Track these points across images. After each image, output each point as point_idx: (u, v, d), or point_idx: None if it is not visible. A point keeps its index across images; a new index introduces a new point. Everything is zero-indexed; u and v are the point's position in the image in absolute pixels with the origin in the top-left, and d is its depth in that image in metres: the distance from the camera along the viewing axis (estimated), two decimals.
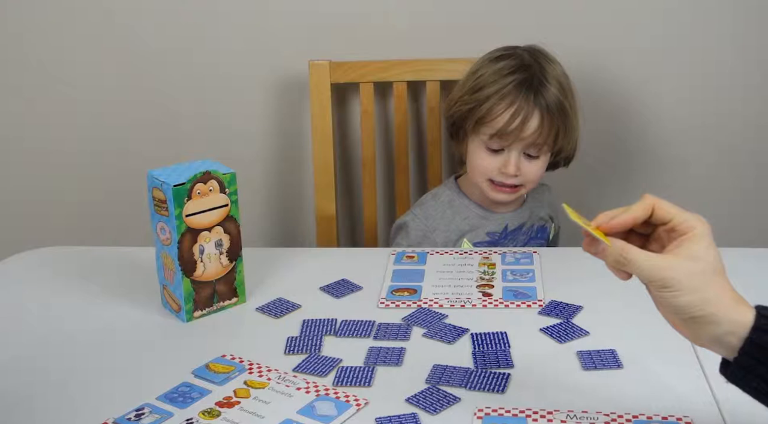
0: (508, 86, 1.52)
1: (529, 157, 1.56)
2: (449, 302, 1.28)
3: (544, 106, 1.51)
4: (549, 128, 1.52)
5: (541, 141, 1.53)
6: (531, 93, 1.51)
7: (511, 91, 1.52)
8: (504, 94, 1.52)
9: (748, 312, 0.84)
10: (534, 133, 1.52)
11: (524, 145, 1.54)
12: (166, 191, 1.20)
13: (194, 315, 1.26)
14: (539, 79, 1.52)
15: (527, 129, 1.52)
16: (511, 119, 1.51)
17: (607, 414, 0.99)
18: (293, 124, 1.93)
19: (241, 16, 1.86)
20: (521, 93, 1.51)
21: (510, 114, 1.51)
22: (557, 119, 1.53)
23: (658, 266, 0.85)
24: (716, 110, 1.86)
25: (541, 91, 1.52)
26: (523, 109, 1.51)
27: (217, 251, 1.26)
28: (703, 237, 0.86)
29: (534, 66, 1.54)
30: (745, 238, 1.87)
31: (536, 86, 1.52)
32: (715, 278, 0.84)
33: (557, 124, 1.53)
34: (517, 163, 1.54)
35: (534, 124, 1.51)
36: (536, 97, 1.51)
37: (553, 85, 1.53)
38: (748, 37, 1.81)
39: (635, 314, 1.23)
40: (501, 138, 1.53)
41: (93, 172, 1.99)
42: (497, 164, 1.56)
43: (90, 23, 1.89)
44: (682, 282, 0.83)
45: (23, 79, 1.94)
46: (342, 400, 1.04)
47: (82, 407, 1.05)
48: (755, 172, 1.89)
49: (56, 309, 1.31)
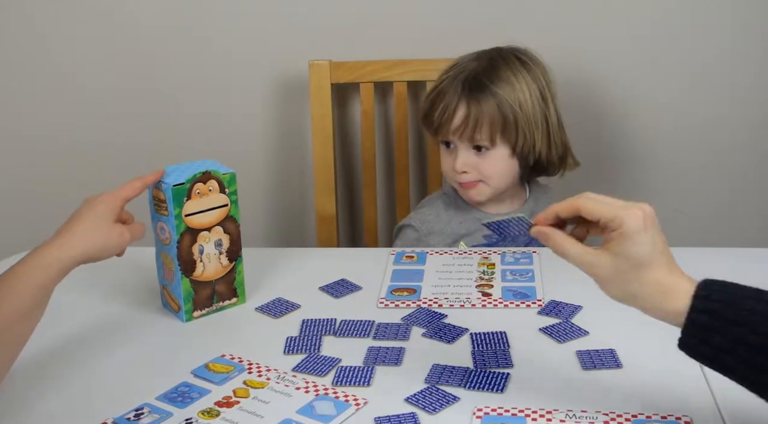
0: (443, 84, 1.55)
1: (479, 151, 1.54)
2: (449, 302, 1.28)
3: (474, 97, 1.51)
4: (480, 119, 1.51)
5: (481, 134, 1.52)
6: (459, 85, 1.53)
7: (443, 88, 1.55)
8: (438, 91, 1.55)
9: (682, 299, 0.86)
10: (462, 126, 1.52)
11: (467, 138, 1.53)
12: (166, 191, 1.20)
13: (193, 315, 1.26)
14: (474, 74, 1.53)
15: (455, 119, 1.52)
16: (440, 113, 1.53)
17: (607, 414, 0.99)
18: (293, 124, 1.93)
19: (241, 16, 1.86)
20: (452, 86, 1.54)
21: (440, 108, 1.54)
22: (495, 110, 1.51)
23: (586, 261, 0.90)
24: (715, 110, 1.86)
25: (473, 83, 1.52)
26: (450, 103, 1.53)
27: (217, 251, 1.26)
28: (631, 234, 0.87)
29: (482, 63, 1.55)
30: (745, 238, 1.87)
31: (469, 80, 1.53)
32: (639, 273, 0.87)
33: (496, 116, 1.51)
34: (464, 160, 1.54)
35: (461, 115, 1.52)
36: (464, 91, 1.52)
37: (497, 81, 1.52)
38: (744, 37, 1.81)
39: (635, 314, 1.22)
40: (438, 132, 1.56)
41: (93, 172, 1.99)
42: (451, 162, 1.57)
43: (90, 23, 1.89)
44: (605, 279, 0.89)
45: (23, 79, 1.94)
46: (341, 400, 1.04)
47: (82, 406, 1.05)
48: (755, 173, 1.89)
49: (55, 309, 1.31)
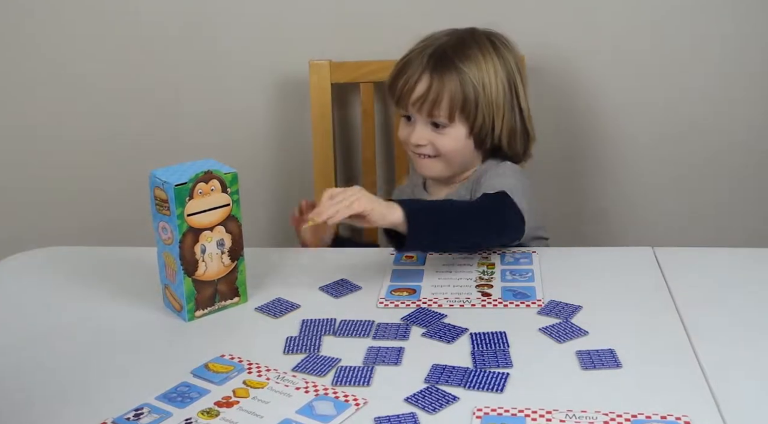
0: (410, 54, 1.54)
1: (436, 127, 1.53)
2: (448, 302, 1.28)
3: (438, 71, 1.50)
4: (441, 94, 1.49)
5: (440, 110, 1.50)
6: (426, 57, 1.51)
7: (410, 58, 1.54)
8: (405, 62, 1.54)
9: None
10: (421, 98, 1.50)
11: (426, 113, 1.51)
12: (168, 191, 1.20)
13: (196, 315, 1.26)
14: (442, 49, 1.52)
15: (415, 92, 1.51)
16: (403, 83, 1.52)
17: (606, 414, 0.99)
18: (293, 124, 1.93)
19: (241, 16, 1.86)
20: (418, 59, 1.52)
21: (404, 79, 1.53)
22: (457, 87, 1.49)
23: None
24: (715, 110, 1.86)
25: (439, 58, 1.51)
26: (414, 73, 1.51)
27: (219, 251, 1.26)
28: None
29: (452, 39, 1.54)
30: (745, 238, 1.87)
31: (436, 54, 1.51)
32: None
33: (458, 93, 1.49)
34: (422, 133, 1.53)
35: (421, 88, 1.50)
36: (428, 63, 1.51)
37: (464, 59, 1.50)
38: (744, 37, 1.81)
39: (635, 314, 1.23)
40: (398, 103, 1.55)
41: (94, 172, 1.99)
42: (408, 133, 1.56)
43: (90, 23, 1.89)
44: None
45: (24, 79, 1.94)
46: (341, 400, 1.04)
47: (82, 406, 1.05)
48: (754, 173, 1.89)
49: (56, 309, 1.31)
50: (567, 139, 1.88)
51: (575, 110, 1.86)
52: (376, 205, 1.26)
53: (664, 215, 1.91)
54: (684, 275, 1.33)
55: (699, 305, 1.24)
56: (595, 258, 1.43)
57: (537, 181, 1.86)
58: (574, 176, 1.79)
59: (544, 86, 1.83)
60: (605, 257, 1.44)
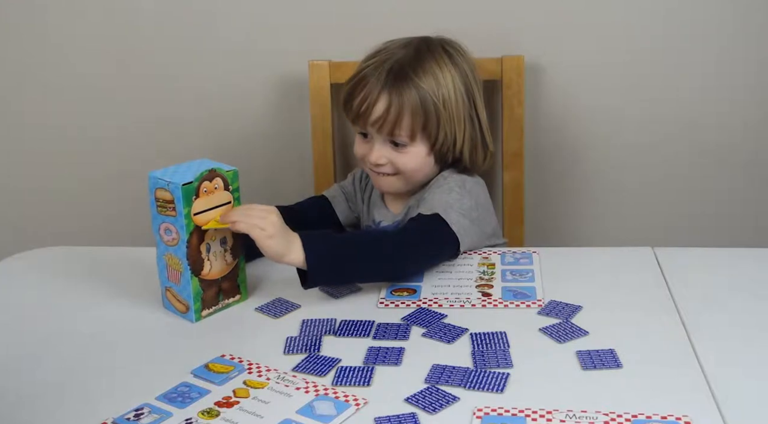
0: (366, 70, 1.49)
1: (396, 146, 1.49)
2: (448, 302, 1.28)
3: (397, 89, 1.45)
4: (401, 114, 1.44)
5: (400, 129, 1.46)
6: (384, 73, 1.46)
7: (366, 74, 1.48)
8: (361, 78, 1.49)
9: None
10: (381, 118, 1.46)
11: (386, 133, 1.47)
12: (174, 191, 1.19)
13: (202, 314, 1.26)
14: (399, 65, 1.47)
15: (374, 112, 1.46)
16: (360, 102, 1.47)
17: (607, 414, 0.99)
18: (293, 124, 1.93)
19: (241, 16, 1.86)
20: (373, 76, 1.47)
21: (361, 97, 1.47)
22: (417, 106, 1.45)
23: None
24: (714, 110, 1.86)
25: (396, 74, 1.46)
26: (371, 92, 1.46)
27: (222, 249, 1.27)
28: None
29: (408, 52, 1.49)
30: (745, 238, 1.87)
31: (394, 70, 1.46)
32: None
33: (418, 112, 1.45)
34: (381, 152, 1.49)
35: (381, 108, 1.45)
36: (387, 81, 1.46)
37: (421, 74, 1.46)
38: (743, 37, 1.81)
39: (635, 314, 1.23)
40: (355, 122, 1.51)
41: (93, 172, 1.99)
42: (365, 151, 1.51)
43: (90, 23, 1.89)
44: None
45: (23, 79, 1.94)
46: (341, 400, 1.04)
47: (82, 406, 1.05)
48: (754, 173, 1.89)
49: (56, 309, 1.31)
50: (567, 139, 1.88)
51: (575, 110, 1.86)
52: (274, 243, 1.23)
53: (663, 215, 1.91)
54: (684, 275, 1.33)
55: (699, 305, 1.24)
56: (595, 258, 1.43)
57: (537, 181, 1.87)
58: (574, 176, 1.79)
59: (544, 86, 1.83)
60: (605, 257, 1.44)
